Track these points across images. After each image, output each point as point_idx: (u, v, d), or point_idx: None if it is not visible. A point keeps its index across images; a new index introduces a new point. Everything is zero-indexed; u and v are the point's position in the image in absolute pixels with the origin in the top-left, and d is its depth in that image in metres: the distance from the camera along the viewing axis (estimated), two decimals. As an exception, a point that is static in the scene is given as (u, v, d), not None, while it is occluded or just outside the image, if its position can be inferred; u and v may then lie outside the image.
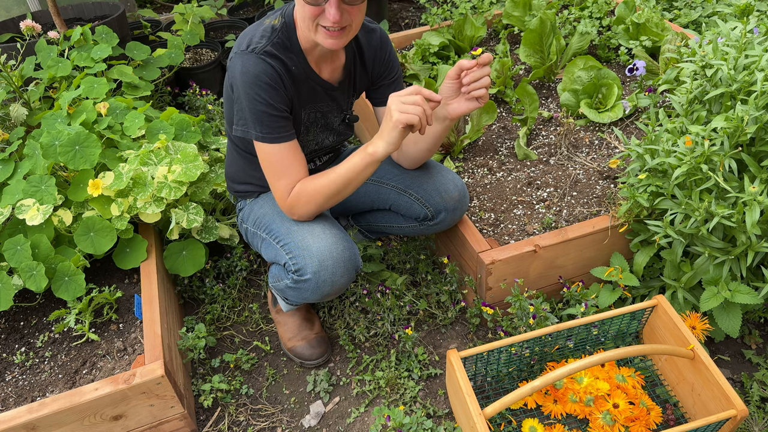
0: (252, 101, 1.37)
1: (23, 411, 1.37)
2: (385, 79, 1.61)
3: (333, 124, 1.63)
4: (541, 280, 1.76)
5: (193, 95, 2.70)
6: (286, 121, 1.42)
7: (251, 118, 1.39)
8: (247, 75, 1.36)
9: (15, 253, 1.64)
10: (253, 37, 1.40)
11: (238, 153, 1.64)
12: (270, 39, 1.39)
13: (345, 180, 1.40)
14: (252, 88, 1.36)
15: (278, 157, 1.43)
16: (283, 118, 1.41)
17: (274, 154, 1.42)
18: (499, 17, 2.81)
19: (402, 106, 1.28)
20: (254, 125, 1.40)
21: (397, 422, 1.51)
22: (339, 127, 1.66)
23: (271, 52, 1.38)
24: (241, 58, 1.38)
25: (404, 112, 1.27)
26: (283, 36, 1.41)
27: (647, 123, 1.70)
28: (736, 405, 1.27)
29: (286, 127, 1.42)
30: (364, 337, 1.81)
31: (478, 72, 1.36)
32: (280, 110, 1.40)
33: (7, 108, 2.07)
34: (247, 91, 1.37)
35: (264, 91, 1.36)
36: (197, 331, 1.71)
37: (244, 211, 1.71)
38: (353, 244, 1.50)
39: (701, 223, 1.44)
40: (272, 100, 1.37)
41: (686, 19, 2.71)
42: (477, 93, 1.38)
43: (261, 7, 3.59)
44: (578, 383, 1.51)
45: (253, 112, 1.38)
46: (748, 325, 1.78)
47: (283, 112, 1.40)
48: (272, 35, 1.40)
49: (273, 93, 1.37)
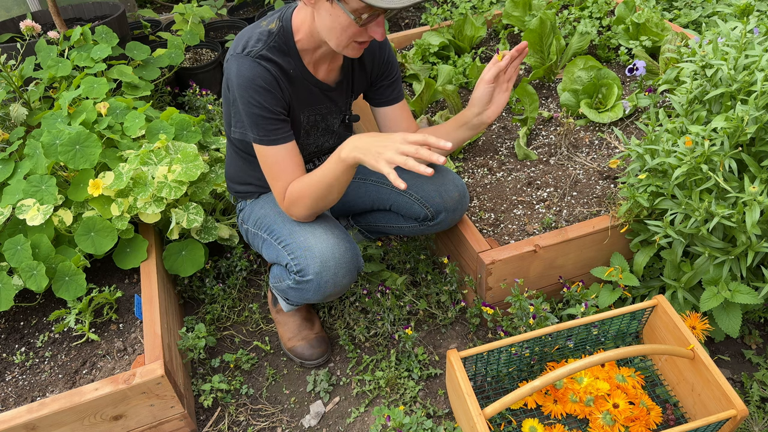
0: (247, 104, 1.37)
1: (23, 411, 1.37)
2: (385, 80, 1.61)
3: (333, 126, 1.63)
4: (541, 280, 1.76)
5: (193, 95, 2.70)
6: (283, 124, 1.42)
7: (248, 120, 1.40)
8: (242, 78, 1.36)
9: (15, 253, 1.64)
10: (249, 40, 1.40)
11: (237, 154, 1.64)
12: (266, 42, 1.39)
13: (324, 183, 1.38)
14: (247, 92, 1.36)
15: (275, 159, 1.43)
16: (279, 120, 1.41)
17: (271, 156, 1.43)
18: (499, 17, 2.80)
19: (402, 148, 1.21)
20: (251, 128, 1.40)
21: (397, 422, 1.51)
22: (339, 129, 1.66)
23: (267, 55, 1.38)
24: (236, 61, 1.38)
25: (401, 153, 1.21)
26: (279, 40, 1.41)
27: (647, 123, 1.70)
28: (736, 405, 1.27)
29: (282, 129, 1.42)
30: (364, 337, 1.81)
31: (518, 59, 1.47)
32: (276, 113, 1.40)
33: (7, 108, 2.07)
34: (242, 95, 1.37)
35: (259, 95, 1.37)
36: (197, 331, 1.71)
37: (244, 212, 1.71)
38: (355, 245, 1.50)
39: (701, 223, 1.44)
40: (267, 103, 1.38)
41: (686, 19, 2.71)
42: (513, 79, 1.50)
43: (261, 7, 3.59)
44: (578, 383, 1.51)
45: (249, 115, 1.39)
46: (748, 325, 1.78)
47: (279, 115, 1.41)
48: (269, 39, 1.40)
49: (268, 96, 1.38)
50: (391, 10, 1.26)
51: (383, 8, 1.23)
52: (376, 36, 1.32)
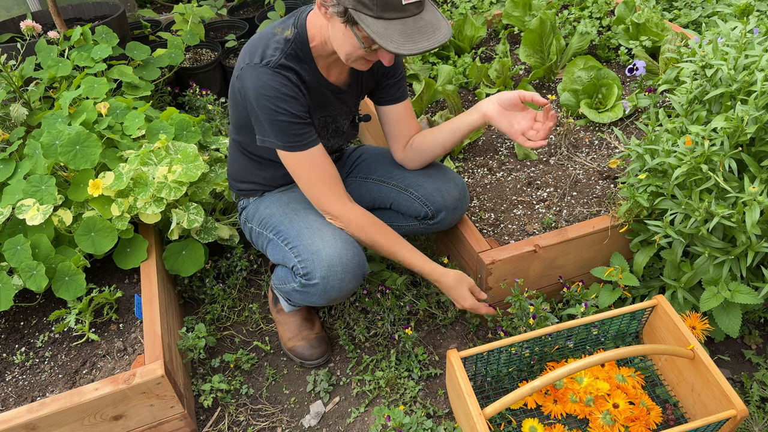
0: (273, 114, 1.37)
1: (23, 411, 1.37)
2: (390, 79, 1.61)
3: (342, 127, 1.64)
4: (541, 280, 1.76)
5: (193, 95, 2.70)
6: (310, 127, 1.43)
7: (273, 130, 1.40)
8: (265, 89, 1.36)
9: (15, 253, 1.64)
10: (266, 50, 1.39)
11: (242, 153, 1.64)
12: (284, 51, 1.39)
13: (394, 258, 1.55)
14: (272, 102, 1.36)
15: (312, 162, 1.44)
16: (306, 124, 1.42)
17: (306, 160, 1.44)
18: (499, 17, 2.81)
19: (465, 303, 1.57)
20: (278, 136, 1.41)
21: (397, 422, 1.51)
22: (347, 130, 1.67)
23: (286, 64, 1.38)
24: (254, 71, 1.37)
25: (464, 301, 1.57)
26: (296, 47, 1.41)
27: (647, 123, 1.70)
28: (736, 405, 1.27)
29: (311, 133, 1.44)
30: (364, 337, 1.81)
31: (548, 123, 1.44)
32: (303, 117, 1.41)
33: (7, 108, 2.07)
34: (265, 105, 1.37)
35: (285, 103, 1.37)
36: (197, 331, 1.71)
37: (248, 210, 1.71)
38: (361, 250, 1.50)
39: (701, 223, 1.44)
40: (294, 109, 1.38)
41: (686, 19, 2.71)
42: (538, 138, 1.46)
43: (261, 7, 3.59)
44: (578, 383, 1.51)
45: (275, 123, 1.39)
46: (748, 325, 1.78)
47: (305, 119, 1.42)
48: (285, 47, 1.39)
49: (294, 102, 1.38)
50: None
51: (393, 53, 1.23)
52: (384, 61, 1.33)
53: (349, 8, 1.21)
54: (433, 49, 1.26)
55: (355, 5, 1.20)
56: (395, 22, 1.21)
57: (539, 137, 1.44)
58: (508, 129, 1.48)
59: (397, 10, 1.20)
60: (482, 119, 1.52)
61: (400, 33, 1.21)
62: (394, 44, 1.20)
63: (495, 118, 1.49)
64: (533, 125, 1.46)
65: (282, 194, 1.66)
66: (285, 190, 1.68)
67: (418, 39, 1.22)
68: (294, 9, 3.43)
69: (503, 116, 1.48)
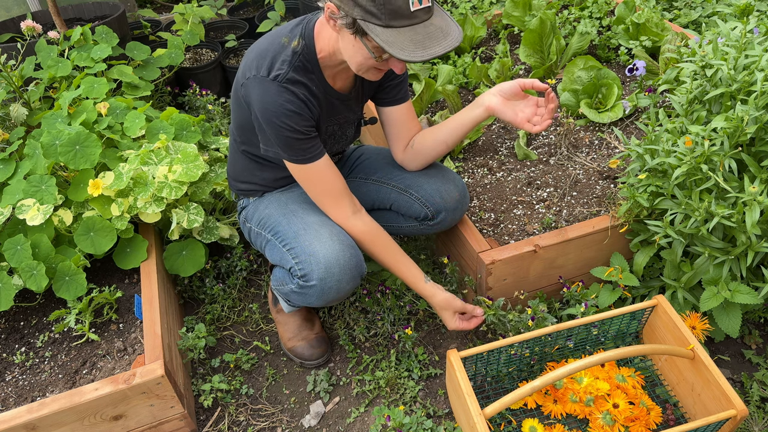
0: (278, 129, 1.38)
1: (23, 411, 1.37)
2: (392, 80, 1.61)
3: (348, 133, 1.65)
4: (541, 280, 1.76)
5: (193, 95, 2.70)
6: (315, 140, 1.44)
7: (278, 143, 1.42)
8: (271, 105, 1.36)
9: (15, 253, 1.64)
10: (274, 62, 1.38)
11: (243, 154, 1.64)
12: (291, 64, 1.38)
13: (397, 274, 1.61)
14: (278, 118, 1.37)
15: (318, 174, 1.46)
16: (311, 138, 1.43)
17: (312, 172, 1.46)
18: (499, 17, 2.81)
19: (448, 326, 1.64)
20: (284, 150, 1.43)
21: (397, 422, 1.51)
22: (352, 134, 1.69)
23: (294, 78, 1.38)
24: (261, 84, 1.37)
25: (447, 324, 1.64)
26: (304, 59, 1.40)
27: (647, 123, 1.70)
28: (736, 405, 1.27)
29: (316, 146, 1.44)
30: (364, 337, 1.81)
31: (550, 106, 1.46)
32: (307, 132, 1.41)
33: (7, 108, 2.07)
34: (271, 120, 1.37)
35: (290, 119, 1.37)
36: (197, 331, 1.71)
37: (247, 210, 1.71)
38: (359, 251, 1.50)
39: (701, 223, 1.44)
40: (299, 125, 1.38)
41: (686, 19, 2.71)
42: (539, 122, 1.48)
43: (261, 7, 3.59)
44: (578, 383, 1.51)
45: (280, 138, 1.40)
46: (748, 325, 1.78)
47: (310, 133, 1.42)
48: (293, 59, 1.38)
49: (299, 119, 1.38)
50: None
51: (404, 61, 1.23)
52: (396, 69, 1.33)
53: (358, 19, 1.21)
54: (444, 54, 1.26)
55: (363, 15, 1.20)
56: (405, 30, 1.20)
57: (544, 119, 1.46)
58: (513, 118, 1.49)
59: (405, 17, 1.20)
60: (486, 113, 1.52)
61: (410, 40, 1.20)
62: (405, 52, 1.20)
63: (499, 109, 1.49)
64: (536, 111, 1.48)
65: (281, 194, 1.66)
66: (285, 191, 1.68)
67: (429, 45, 1.22)
68: (294, 9, 3.43)
69: (507, 107, 1.49)
